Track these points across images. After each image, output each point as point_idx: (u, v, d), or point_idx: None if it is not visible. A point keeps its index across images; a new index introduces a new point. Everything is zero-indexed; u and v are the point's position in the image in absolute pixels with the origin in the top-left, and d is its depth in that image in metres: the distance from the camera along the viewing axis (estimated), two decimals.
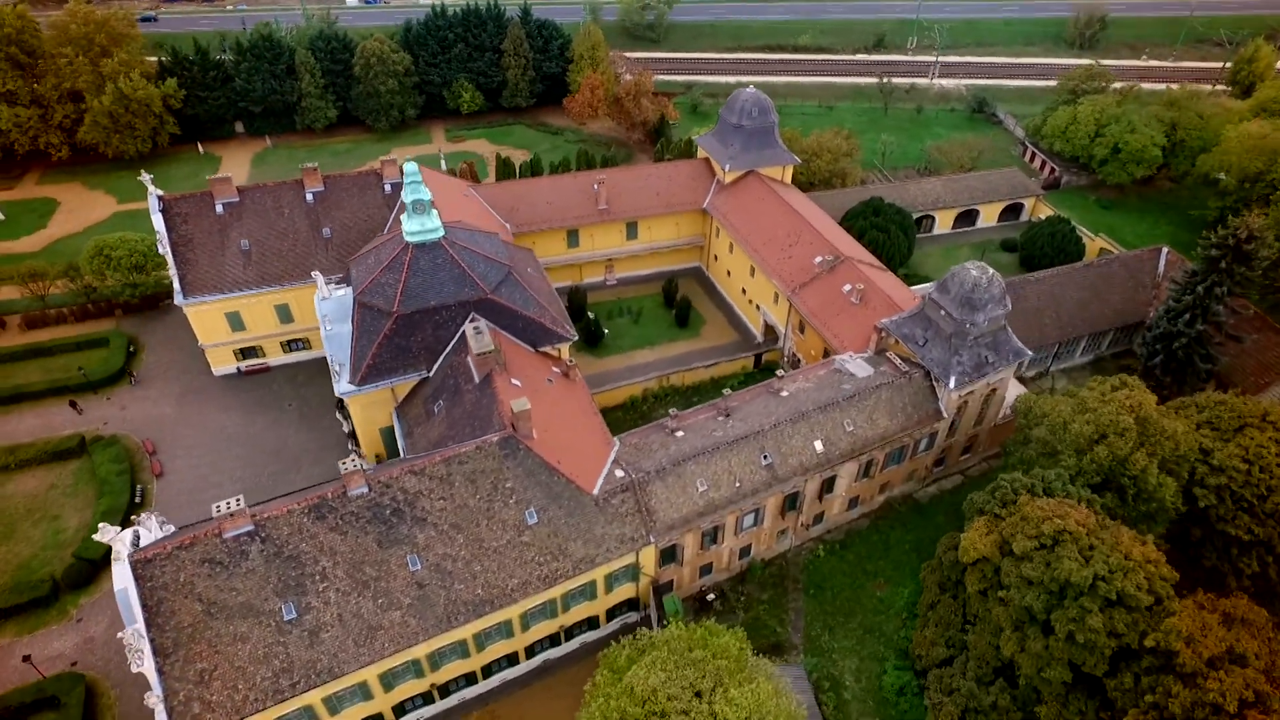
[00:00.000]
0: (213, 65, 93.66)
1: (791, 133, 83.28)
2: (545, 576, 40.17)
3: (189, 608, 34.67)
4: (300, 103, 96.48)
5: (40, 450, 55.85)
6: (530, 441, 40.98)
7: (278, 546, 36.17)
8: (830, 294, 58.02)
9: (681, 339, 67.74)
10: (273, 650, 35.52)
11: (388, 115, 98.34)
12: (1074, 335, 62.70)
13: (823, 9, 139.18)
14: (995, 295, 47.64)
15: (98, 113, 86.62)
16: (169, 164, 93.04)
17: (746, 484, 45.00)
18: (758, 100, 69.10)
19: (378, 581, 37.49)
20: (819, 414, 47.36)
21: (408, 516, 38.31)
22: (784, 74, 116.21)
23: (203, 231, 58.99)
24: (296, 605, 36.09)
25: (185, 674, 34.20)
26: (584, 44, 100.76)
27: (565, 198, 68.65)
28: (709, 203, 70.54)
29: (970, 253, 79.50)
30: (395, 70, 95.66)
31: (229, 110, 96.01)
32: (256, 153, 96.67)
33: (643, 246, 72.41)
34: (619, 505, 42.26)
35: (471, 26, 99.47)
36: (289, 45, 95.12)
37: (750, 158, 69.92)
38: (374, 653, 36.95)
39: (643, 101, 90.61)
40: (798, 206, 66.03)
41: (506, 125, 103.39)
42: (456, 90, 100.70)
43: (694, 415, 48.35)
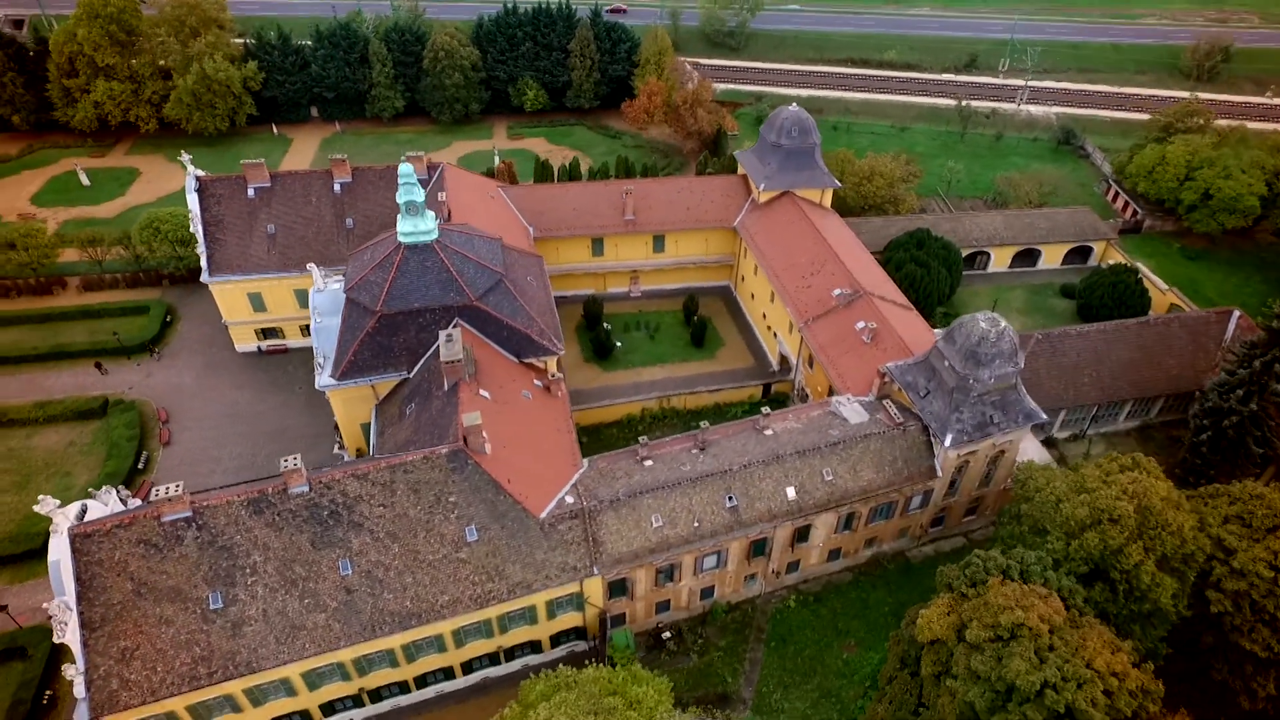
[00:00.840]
0: (292, 51, 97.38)
1: (845, 154, 79.74)
2: (477, 597, 39.38)
3: (120, 585, 35.61)
4: (370, 91, 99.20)
5: (67, 408, 59.17)
6: (481, 457, 40.24)
7: (213, 535, 36.73)
8: (843, 330, 54.90)
9: (695, 359, 65.73)
10: (195, 637, 36.11)
11: (452, 108, 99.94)
12: (1116, 398, 57.20)
13: (916, 23, 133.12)
14: (1004, 351, 43.74)
15: (182, 91, 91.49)
16: (244, 143, 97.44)
17: (706, 525, 42.92)
18: (799, 119, 66.21)
19: (306, 582, 37.58)
20: (796, 458, 44.71)
21: (345, 520, 38.25)
22: (859, 90, 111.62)
23: (233, 213, 61.09)
24: (223, 596, 36.57)
25: (108, 650, 35.15)
26: (651, 48, 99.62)
27: (592, 205, 67.73)
28: (740, 221, 68.16)
29: (1025, 295, 74.05)
30: (462, 65, 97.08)
31: (304, 95, 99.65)
32: (325, 137, 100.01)
33: (669, 260, 70.72)
34: (565, 532, 41.02)
35: (541, 25, 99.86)
36: (364, 35, 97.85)
37: (787, 178, 67.10)
38: (294, 652, 37.07)
39: (699, 111, 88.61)
40: (828, 233, 62.88)
41: (568, 125, 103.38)
42: (521, 87, 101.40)
43: (668, 445, 46.56)
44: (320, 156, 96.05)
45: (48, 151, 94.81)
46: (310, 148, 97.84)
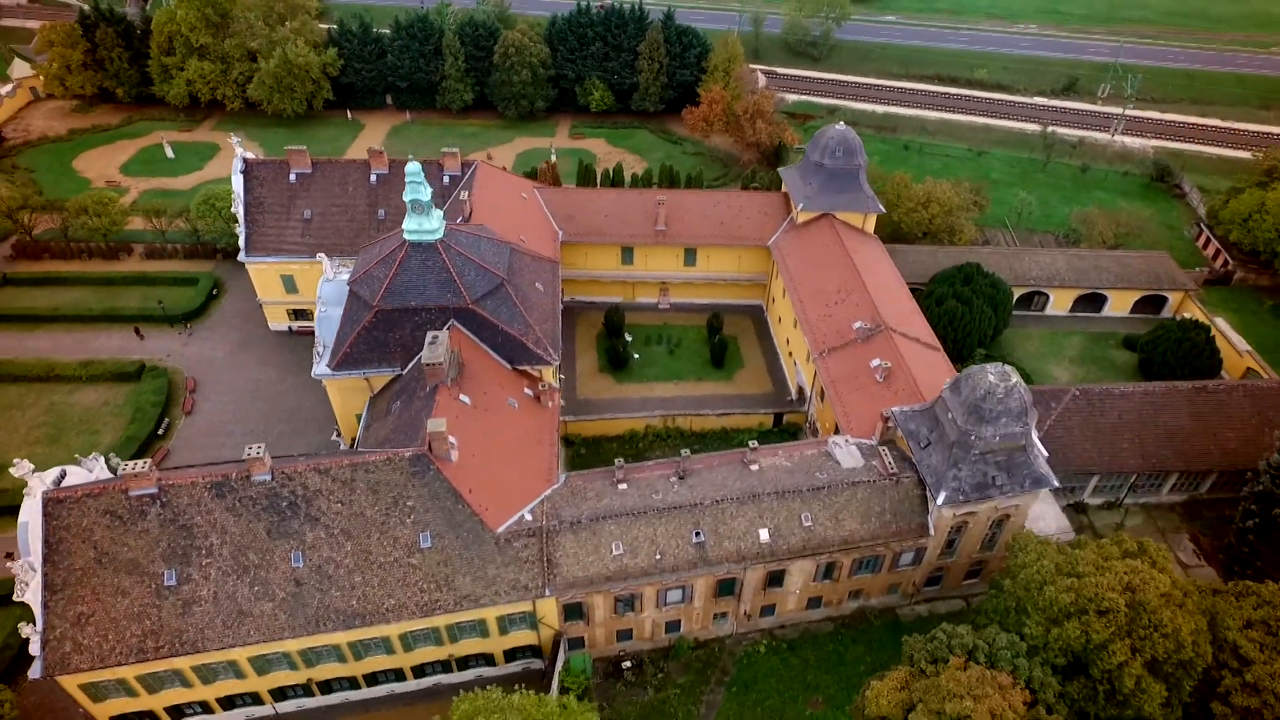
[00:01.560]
0: (371, 40, 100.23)
1: (902, 177, 75.78)
2: (424, 604, 39.11)
3: (83, 553, 37.02)
4: (441, 83, 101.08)
5: (108, 369, 62.57)
6: (444, 464, 39.92)
7: (174, 514, 37.72)
8: (857, 365, 52.00)
9: (711, 379, 63.83)
10: (146, 611, 37.21)
11: (518, 104, 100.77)
12: (1159, 469, 52.03)
13: (1014, 42, 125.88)
14: (1012, 409, 40.23)
15: (265, 73, 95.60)
16: (318, 126, 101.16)
17: (669, 558, 41.29)
18: (844, 139, 63.19)
19: (258, 570, 38.16)
20: (774, 499, 42.48)
21: (302, 513, 38.63)
22: (938, 109, 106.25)
23: (273, 196, 63.10)
24: (178, 574, 37.54)
25: (65, 613, 36.63)
26: (721, 55, 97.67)
27: (624, 212, 66.68)
28: (774, 240, 65.69)
29: (1082, 342, 68.58)
30: (531, 61, 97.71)
31: (380, 82, 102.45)
32: (395, 125, 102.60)
33: (699, 275, 68.93)
34: (520, 549, 40.25)
35: (612, 26, 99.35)
36: (440, 27, 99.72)
37: (827, 200, 64.20)
38: (238, 637, 37.71)
39: (759, 122, 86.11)
40: (861, 260, 59.79)
41: (631, 128, 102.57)
42: (588, 87, 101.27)
43: (646, 470, 45.11)
44: (388, 143, 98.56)
45: (144, 123, 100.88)
46: (380, 134, 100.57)
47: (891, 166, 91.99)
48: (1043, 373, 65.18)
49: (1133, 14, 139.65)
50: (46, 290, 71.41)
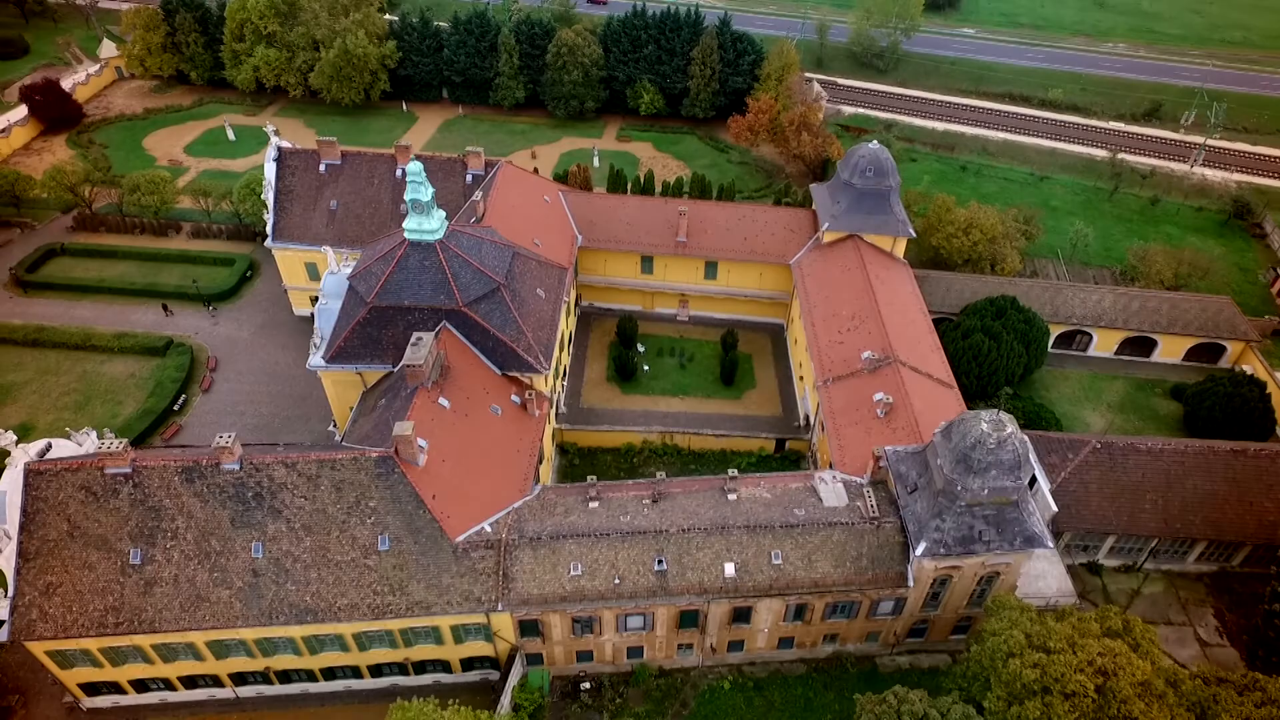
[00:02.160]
0: (430, 34, 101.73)
1: (945, 199, 72.32)
2: (375, 607, 39.05)
3: (57, 525, 38.28)
4: (495, 79, 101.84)
5: (139, 342, 65.14)
6: (410, 467, 39.76)
7: (145, 494, 38.64)
8: (860, 397, 49.66)
9: (719, 397, 62.17)
10: (110, 586, 38.25)
11: (567, 104, 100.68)
12: (1184, 536, 47.96)
13: (1097, 61, 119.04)
14: (1003, 462, 37.52)
15: (325, 63, 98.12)
16: (373, 116, 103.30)
17: (629, 584, 40.13)
18: (875, 159, 60.52)
19: (219, 557, 38.77)
20: (744, 533, 40.81)
21: (266, 504, 39.06)
22: (1002, 128, 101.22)
23: (303, 185, 64.46)
24: (143, 553, 38.46)
25: (35, 582, 37.96)
26: (775, 63, 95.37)
27: (646, 221, 65.55)
28: (797, 259, 63.50)
29: (1125, 388, 64.12)
30: (583, 62, 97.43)
31: (436, 76, 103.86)
32: (448, 119, 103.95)
33: (719, 289, 67.27)
34: (477, 561, 39.77)
35: (666, 30, 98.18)
36: (497, 24, 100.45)
37: (855, 220, 61.67)
38: (194, 621, 38.41)
39: (803, 135, 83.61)
40: (882, 286, 57.19)
41: (678, 133, 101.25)
42: (639, 90, 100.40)
43: (622, 489, 44.04)
44: (438, 136, 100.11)
45: (213, 105, 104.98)
46: (432, 127, 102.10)
47: (944, 187, 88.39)
48: (1075, 418, 61.16)
49: (1233, 34, 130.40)
50: (97, 262, 74.88)
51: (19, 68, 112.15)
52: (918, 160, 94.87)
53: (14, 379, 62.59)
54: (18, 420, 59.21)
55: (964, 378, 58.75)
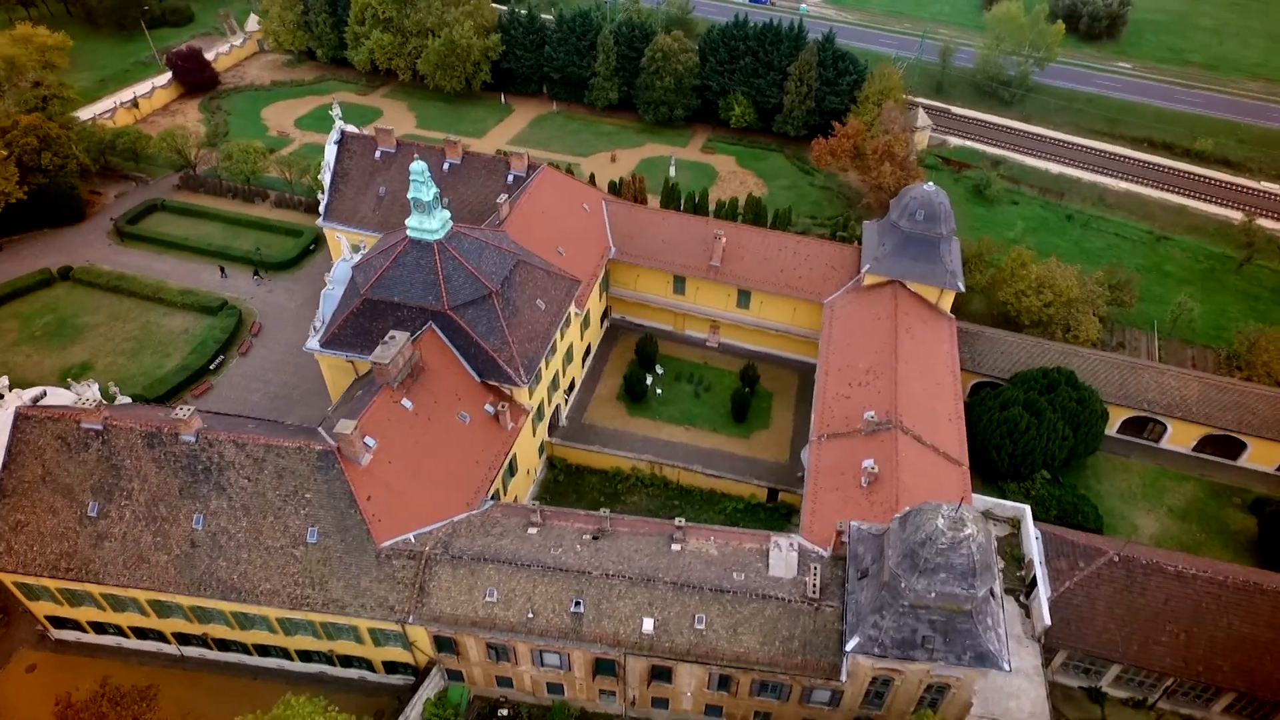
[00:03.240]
0: (535, 30, 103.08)
1: (1022, 253, 65.54)
2: (293, 597, 39.55)
3: (34, 468, 41.13)
4: (591, 79, 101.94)
5: (199, 300, 69.61)
6: (351, 465, 39.99)
7: (110, 452, 40.84)
8: (850, 460, 45.69)
9: (725, 433, 59.28)
10: (67, 534, 40.75)
11: (657, 110, 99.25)
12: (1204, 681, 40.95)
13: (1266, 112, 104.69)
14: (955, 566, 33.16)
15: (431, 50, 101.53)
16: (471, 105, 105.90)
17: (541, 621, 38.61)
18: (927, 202, 55.50)
19: (164, 522, 40.44)
20: (670, 590, 38.32)
21: (213, 480, 40.36)
22: (1125, 177, 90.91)
23: (358, 170, 66.67)
24: (100, 507, 40.70)
25: (8, 517, 40.98)
26: (876, 85, 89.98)
27: (682, 240, 63.26)
28: (832, 299, 59.40)
29: (1195, 491, 56.07)
30: (676, 69, 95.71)
31: (536, 71, 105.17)
32: (541, 114, 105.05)
33: (751, 320, 64.09)
34: (397, 569, 39.46)
35: (766, 43, 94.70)
36: (598, 24, 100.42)
37: (898, 266, 56.89)
38: (132, 580, 40.29)
39: (885, 164, 78.24)
40: (911, 341, 52.47)
41: (765, 150, 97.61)
42: (731, 102, 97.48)
43: (567, 519, 42.58)
44: (528, 130, 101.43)
45: (331, 83, 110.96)
46: (524, 121, 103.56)
47: (1041, 236, 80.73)
48: (1123, 518, 53.96)
49: None
50: (188, 221, 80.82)
51: (180, 35, 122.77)
52: (1019, 203, 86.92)
53: (87, 320, 68.45)
54: (80, 359, 64.75)
55: (994, 453, 53.30)
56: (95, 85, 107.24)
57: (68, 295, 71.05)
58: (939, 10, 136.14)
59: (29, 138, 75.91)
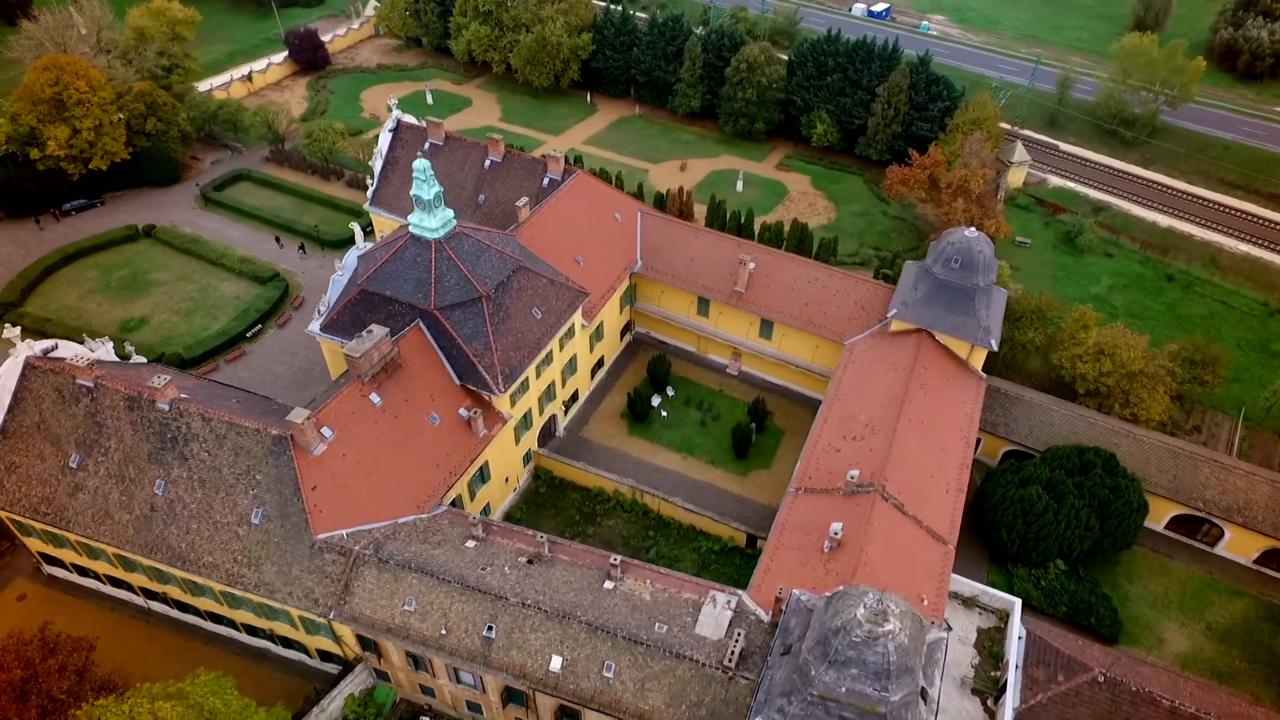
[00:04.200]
0: (626, 31, 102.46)
1: (1085, 313, 59.09)
2: (230, 574, 40.52)
3: (32, 415, 44.08)
4: (676, 85, 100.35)
5: (255, 270, 73.16)
6: (303, 454, 40.57)
7: (96, 409, 43.20)
8: (818, 520, 42.37)
9: (723, 468, 56.61)
10: (49, 480, 43.43)
11: (736, 121, 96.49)
12: None
13: None
14: (868, 664, 29.76)
15: (523, 45, 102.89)
16: (556, 102, 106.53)
17: (453, 639, 37.80)
18: (965, 248, 50.74)
19: (131, 483, 42.38)
20: (584, 631, 36.59)
21: (178, 449, 41.93)
22: (1250, 239, 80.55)
23: (407, 159, 67.97)
24: (80, 460, 43.13)
25: (4, 457, 44.10)
26: (969, 114, 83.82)
27: (710, 260, 60.86)
28: (854, 341, 55.50)
29: (1247, 608, 48.93)
30: (760, 81, 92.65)
31: (624, 73, 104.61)
32: (622, 116, 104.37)
33: (772, 352, 60.92)
34: (327, 564, 39.66)
35: (857, 61, 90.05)
36: (687, 30, 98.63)
37: (928, 314, 52.42)
38: (96, 534, 42.46)
39: (958, 200, 72.62)
40: (921, 397, 48.21)
41: (844, 172, 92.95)
42: (814, 119, 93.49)
43: (509, 536, 41.66)
44: (607, 131, 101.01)
45: (430, 70, 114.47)
46: (605, 121, 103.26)
47: (1131, 296, 73.08)
48: (1148, 627, 47.67)
49: None
50: (266, 192, 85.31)
51: (309, 15, 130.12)
52: (1114, 256, 78.76)
53: (157, 277, 73.34)
54: (140, 313, 69.43)
55: (1004, 533, 48.28)
56: (225, 58, 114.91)
57: (146, 252, 76.40)
58: (1075, 36, 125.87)
59: (138, 103, 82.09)
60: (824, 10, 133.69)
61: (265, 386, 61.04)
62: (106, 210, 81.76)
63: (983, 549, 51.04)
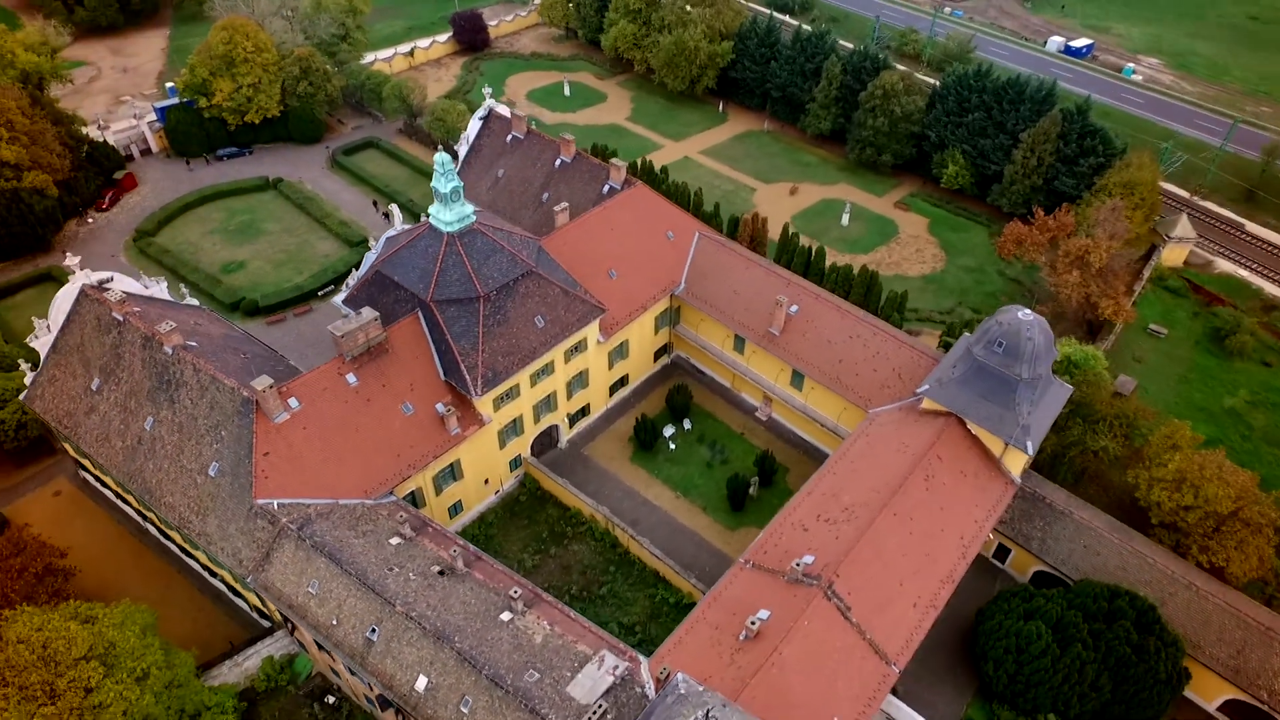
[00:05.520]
0: (767, 44, 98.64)
1: (1182, 430, 49.58)
2: (180, 517, 42.94)
3: (76, 337, 49.01)
4: (809, 104, 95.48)
5: (350, 233, 77.35)
6: (265, 420, 42.23)
7: (119, 342, 47.31)
8: (749, 601, 38.38)
9: (713, 516, 53.12)
10: (75, 397, 48.10)
11: (862, 150, 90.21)
12: None
13: None
14: None
15: (662, 47, 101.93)
16: (687, 107, 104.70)
17: (340, 632, 37.86)
18: (1013, 332, 43.81)
19: (130, 414, 46.05)
20: (455, 659, 35.26)
21: (170, 391, 45.00)
22: None
23: (490, 148, 69.30)
24: (100, 384, 47.46)
25: (49, 370, 49.37)
26: (1123, 174, 73.04)
27: (754, 294, 56.96)
28: (879, 410, 49.85)
29: None
30: (894, 110, 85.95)
31: (760, 85, 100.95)
32: (751, 129, 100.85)
33: (800, 404, 56.22)
34: (258, 530, 40.99)
35: (1004, 100, 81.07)
36: (828, 48, 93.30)
37: (960, 398, 45.95)
38: (95, 452, 46.49)
39: (1074, 273, 63.26)
40: (918, 490, 42.45)
41: (969, 220, 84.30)
42: (946, 158, 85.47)
43: (438, 541, 41.11)
44: (729, 143, 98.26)
45: (578, 63, 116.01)
46: (730, 132, 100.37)
47: (1276, 418, 60.62)
48: None
49: None
50: (388, 162, 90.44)
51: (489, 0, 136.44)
52: (1273, 367, 65.75)
53: (268, 227, 79.78)
54: (242, 257, 75.81)
55: (991, 666, 41.71)
56: (402, 32, 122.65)
57: (268, 202, 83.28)
58: None
59: (294, 66, 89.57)
60: (1010, 41, 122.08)
61: (315, 345, 64.35)
62: (252, 160, 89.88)
63: (971, 678, 44.28)
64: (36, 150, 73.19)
